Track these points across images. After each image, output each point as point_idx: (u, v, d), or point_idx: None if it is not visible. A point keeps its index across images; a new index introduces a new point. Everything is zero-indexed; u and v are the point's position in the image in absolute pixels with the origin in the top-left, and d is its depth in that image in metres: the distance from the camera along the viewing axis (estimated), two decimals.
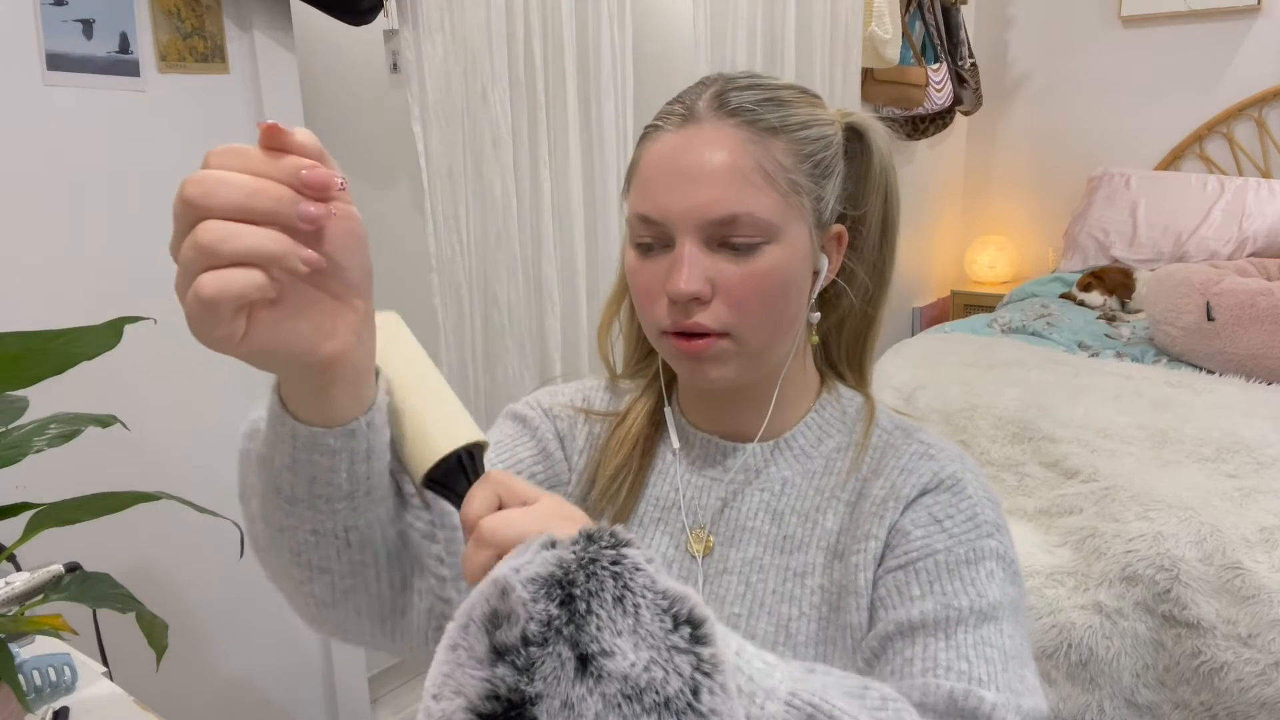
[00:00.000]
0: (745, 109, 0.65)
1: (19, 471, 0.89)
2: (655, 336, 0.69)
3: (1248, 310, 2.11)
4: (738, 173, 0.63)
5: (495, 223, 1.69)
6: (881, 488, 0.69)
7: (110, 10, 1.31)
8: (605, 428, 0.78)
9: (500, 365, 1.75)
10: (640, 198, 0.66)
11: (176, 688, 1.48)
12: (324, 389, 0.46)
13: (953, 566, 0.63)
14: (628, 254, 0.69)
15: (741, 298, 0.64)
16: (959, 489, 0.67)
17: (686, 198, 0.63)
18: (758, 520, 0.72)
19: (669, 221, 0.64)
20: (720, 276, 0.64)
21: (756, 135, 0.64)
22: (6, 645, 0.76)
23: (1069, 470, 1.67)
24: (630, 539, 0.56)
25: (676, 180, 0.64)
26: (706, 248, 0.64)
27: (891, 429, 0.74)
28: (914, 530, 0.65)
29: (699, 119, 0.65)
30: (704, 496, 0.74)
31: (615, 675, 0.48)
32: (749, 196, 0.63)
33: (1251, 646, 1.32)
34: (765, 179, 0.64)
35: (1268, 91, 3.04)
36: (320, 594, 0.55)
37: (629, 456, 0.75)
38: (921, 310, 3.56)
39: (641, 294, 0.68)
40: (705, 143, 0.64)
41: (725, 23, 2.16)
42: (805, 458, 0.73)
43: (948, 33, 3.15)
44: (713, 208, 0.63)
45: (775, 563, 0.70)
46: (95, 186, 1.34)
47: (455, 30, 1.60)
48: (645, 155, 0.67)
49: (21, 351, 0.85)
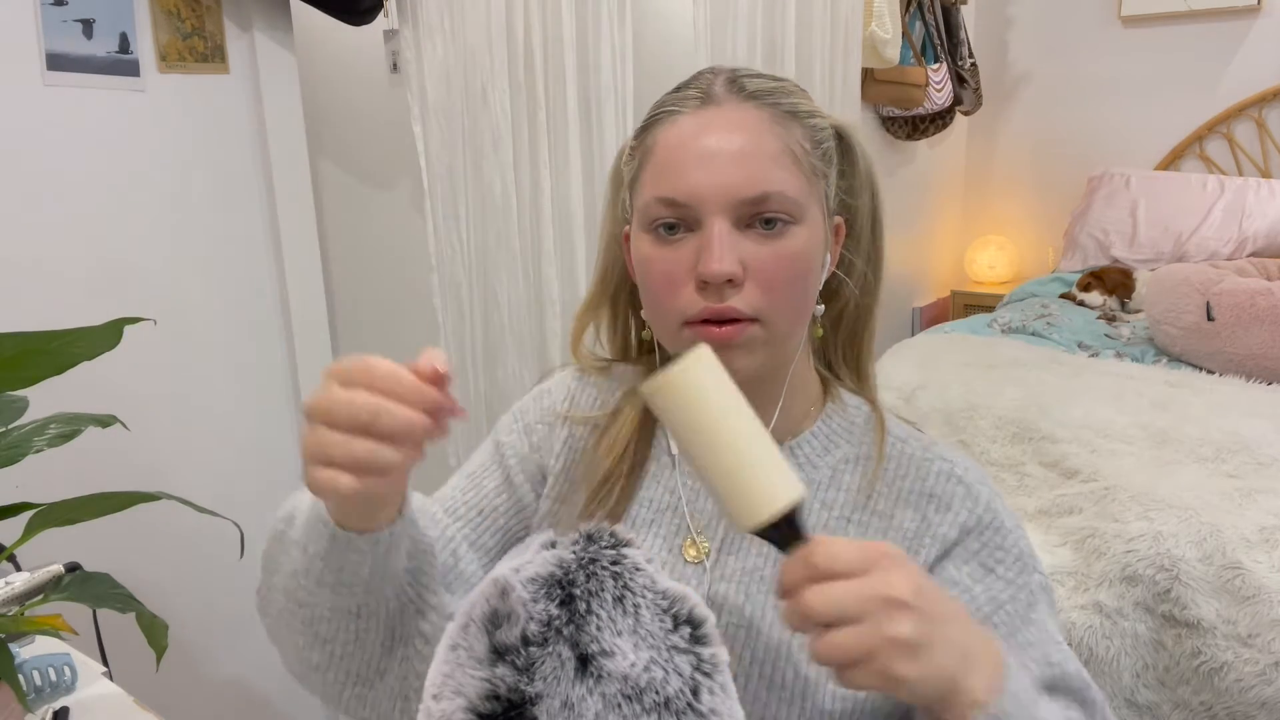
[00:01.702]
0: (762, 93, 0.65)
1: (19, 471, 0.89)
2: (675, 329, 0.65)
3: (1248, 310, 2.11)
4: (766, 152, 0.63)
5: (495, 223, 1.69)
6: (912, 520, 0.68)
7: (110, 10, 1.31)
8: (589, 430, 0.76)
9: (500, 365, 1.75)
10: (662, 180, 0.64)
11: (176, 688, 1.48)
12: (369, 514, 0.55)
13: (1020, 613, 0.66)
14: (640, 242, 0.67)
15: (773, 279, 0.63)
16: (998, 525, 0.68)
17: (716, 176, 0.62)
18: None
19: (697, 202, 0.62)
20: (751, 258, 0.63)
21: (779, 117, 0.64)
22: (6, 645, 0.76)
23: (1069, 470, 1.67)
24: (630, 539, 0.56)
25: (704, 160, 0.62)
26: (735, 228, 0.63)
27: (904, 440, 0.72)
28: (974, 586, 0.66)
29: (718, 101, 0.64)
30: (700, 500, 0.72)
31: (615, 675, 0.48)
32: (779, 175, 0.63)
33: (1251, 646, 1.32)
34: (792, 159, 0.63)
35: (1268, 91, 3.04)
36: (318, 660, 0.62)
37: (619, 460, 0.73)
38: (921, 310, 3.56)
39: (661, 282, 0.65)
40: (731, 122, 0.63)
41: (725, 23, 2.16)
42: (810, 467, 0.71)
43: (948, 33, 3.15)
44: (745, 186, 0.62)
45: (777, 574, 0.69)
46: (95, 186, 1.34)
47: (455, 30, 1.59)
48: (663, 138, 0.65)
49: (21, 351, 0.85)
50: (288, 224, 1.54)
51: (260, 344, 1.55)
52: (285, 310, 1.57)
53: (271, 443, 1.58)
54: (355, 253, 1.91)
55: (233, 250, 1.50)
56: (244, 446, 1.54)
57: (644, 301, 0.69)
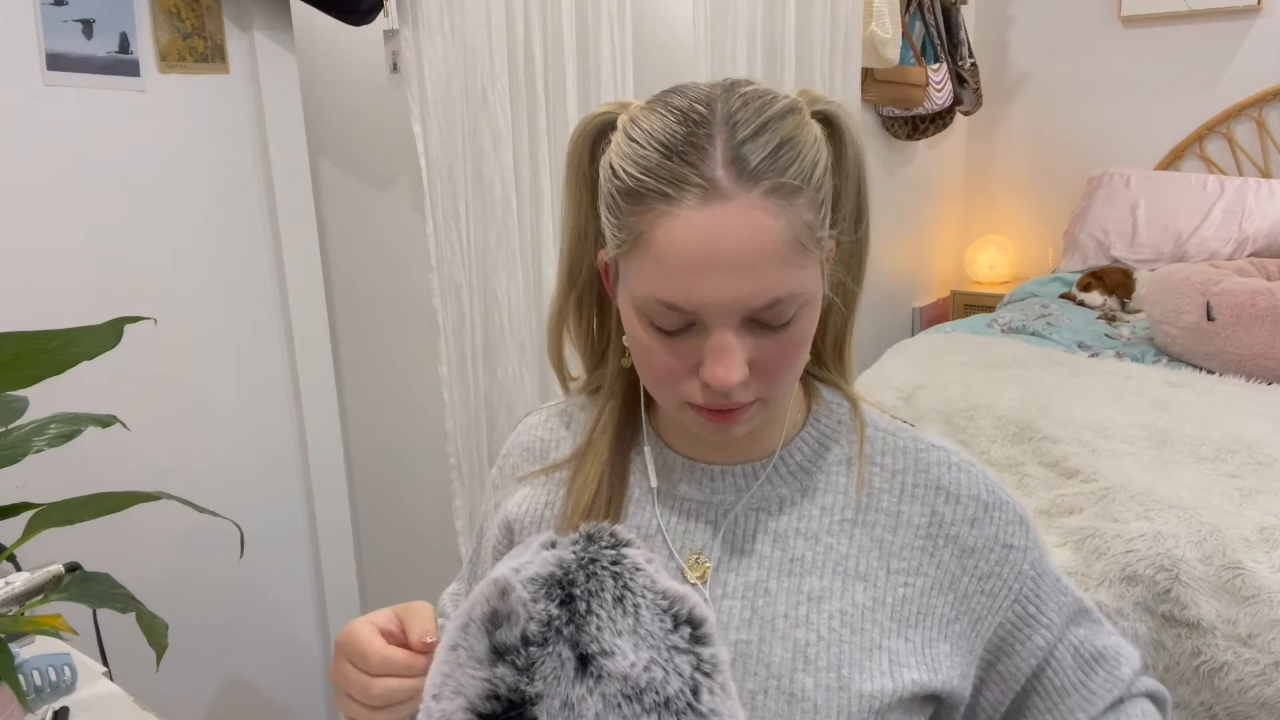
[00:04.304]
0: (766, 169, 0.58)
1: (19, 471, 0.89)
2: (674, 405, 0.65)
3: (1248, 310, 2.11)
4: (777, 255, 0.58)
5: (495, 223, 1.69)
6: (921, 514, 0.69)
7: (110, 10, 1.31)
8: (559, 474, 0.76)
9: (500, 365, 1.75)
10: (662, 283, 0.59)
11: (176, 688, 1.48)
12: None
13: (1085, 649, 0.72)
14: (634, 324, 0.63)
15: (780, 367, 0.62)
16: (1036, 574, 0.70)
17: (725, 289, 0.58)
18: (756, 542, 0.69)
19: (703, 312, 0.59)
20: (758, 354, 0.61)
21: (784, 201, 0.58)
22: (6, 645, 0.76)
23: (1069, 470, 1.67)
24: (631, 539, 0.56)
25: (710, 270, 0.58)
26: (742, 329, 0.60)
27: (892, 433, 0.72)
28: (1053, 650, 0.71)
29: (724, 194, 0.57)
30: (692, 521, 0.70)
31: (615, 675, 0.48)
32: (790, 276, 0.59)
33: (1251, 646, 1.32)
34: (799, 250, 0.59)
35: (1268, 91, 3.04)
36: None
37: (595, 496, 0.71)
38: (921, 310, 3.56)
39: (662, 373, 0.63)
40: (738, 227, 0.57)
41: (725, 23, 2.16)
42: (803, 474, 0.71)
43: (948, 33, 3.15)
44: (755, 296, 0.58)
45: (783, 586, 0.67)
46: (95, 186, 1.34)
47: (455, 30, 1.59)
48: (662, 234, 0.58)
49: (21, 351, 0.85)
50: (288, 224, 1.54)
51: (260, 344, 1.55)
52: (285, 310, 1.57)
53: (271, 443, 1.58)
54: (355, 253, 1.91)
55: (233, 250, 1.50)
56: (244, 446, 1.54)
57: (640, 375, 0.67)
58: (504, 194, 1.69)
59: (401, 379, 2.00)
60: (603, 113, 0.67)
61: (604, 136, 0.67)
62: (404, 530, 2.05)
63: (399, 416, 2.02)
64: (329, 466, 1.66)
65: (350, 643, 0.61)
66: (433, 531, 1.93)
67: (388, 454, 2.02)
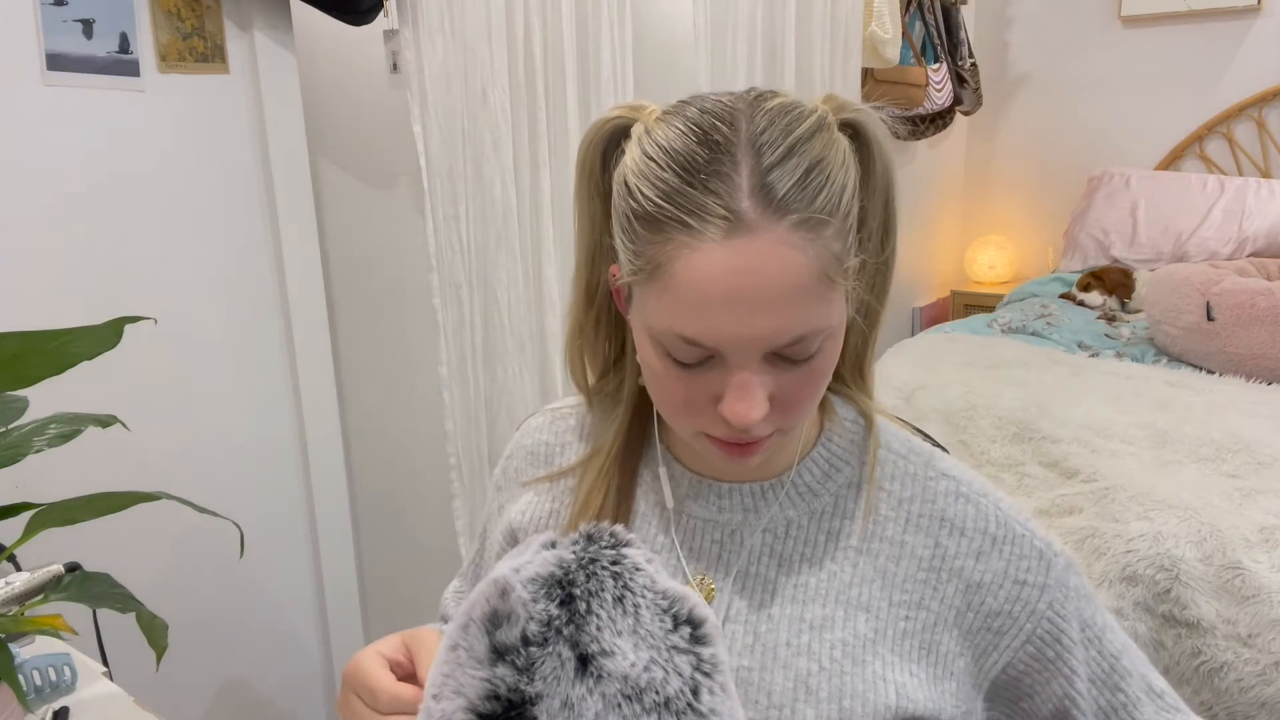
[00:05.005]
0: (794, 199, 0.54)
1: (19, 471, 0.89)
2: (690, 434, 0.63)
3: (1248, 310, 2.11)
4: (803, 291, 0.55)
5: (495, 223, 1.69)
6: (925, 545, 0.66)
7: (110, 10, 1.31)
8: (569, 484, 0.75)
9: (500, 365, 1.75)
10: (684, 318, 0.56)
11: (176, 688, 1.48)
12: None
13: (1109, 667, 0.69)
14: (650, 356, 0.61)
15: (800, 399, 0.60)
16: (1060, 620, 0.67)
17: (749, 327, 0.55)
18: (761, 565, 0.67)
19: (725, 349, 0.56)
20: (778, 388, 0.59)
21: (812, 235, 0.55)
22: (6, 645, 0.76)
23: (1069, 470, 1.67)
24: (631, 539, 0.56)
25: (734, 307, 0.55)
26: (763, 364, 0.58)
27: (904, 457, 0.70)
28: (1084, 688, 0.67)
29: (749, 227, 0.54)
30: (698, 539, 0.69)
31: (615, 675, 0.48)
32: (816, 312, 0.56)
33: (1251, 646, 1.32)
34: (827, 283, 0.56)
35: (1268, 91, 3.04)
36: None
37: (601, 510, 0.70)
38: (921, 310, 3.56)
39: (676, 403, 0.61)
40: (764, 264, 0.54)
41: (725, 23, 2.16)
42: (811, 495, 0.68)
43: (948, 33, 3.15)
44: (780, 333, 0.56)
45: (786, 613, 0.65)
46: (95, 186, 1.34)
47: (455, 30, 1.60)
48: (684, 270, 0.55)
49: (21, 351, 0.85)
50: (288, 224, 1.54)
51: (260, 344, 1.55)
52: (285, 310, 1.57)
53: (271, 443, 1.58)
54: (355, 253, 1.91)
55: (233, 250, 1.50)
56: (244, 446, 1.54)
57: (654, 400, 0.65)
58: (504, 194, 1.69)
59: (401, 379, 2.00)
60: (615, 118, 0.63)
61: (616, 144, 0.63)
62: (404, 530, 2.05)
63: (399, 417, 2.02)
64: (329, 466, 1.66)
65: (358, 677, 0.58)
66: (433, 531, 1.93)
67: (388, 454, 2.02)
